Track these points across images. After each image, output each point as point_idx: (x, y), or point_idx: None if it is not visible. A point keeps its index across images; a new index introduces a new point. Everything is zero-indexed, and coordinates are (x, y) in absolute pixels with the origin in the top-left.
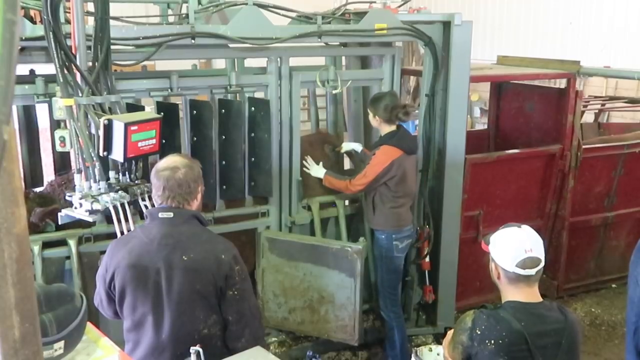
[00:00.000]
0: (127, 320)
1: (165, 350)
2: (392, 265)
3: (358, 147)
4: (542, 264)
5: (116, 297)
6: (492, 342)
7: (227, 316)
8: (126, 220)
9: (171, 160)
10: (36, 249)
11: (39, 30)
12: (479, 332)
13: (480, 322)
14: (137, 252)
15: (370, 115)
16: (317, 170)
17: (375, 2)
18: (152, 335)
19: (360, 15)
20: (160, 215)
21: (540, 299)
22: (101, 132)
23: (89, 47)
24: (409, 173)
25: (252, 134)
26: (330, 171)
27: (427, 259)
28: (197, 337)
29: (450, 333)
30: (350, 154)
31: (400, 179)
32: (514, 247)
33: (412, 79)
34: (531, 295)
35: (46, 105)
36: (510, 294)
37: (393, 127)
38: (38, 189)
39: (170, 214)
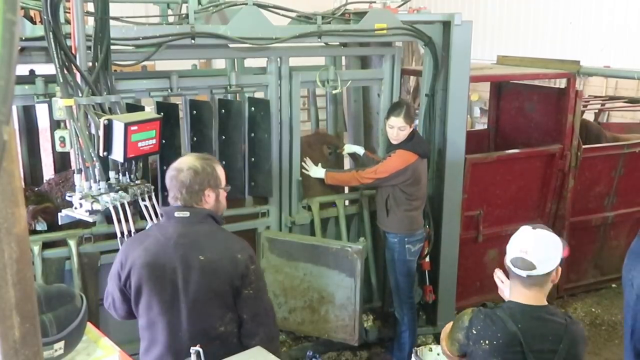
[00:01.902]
0: (143, 318)
1: (182, 348)
2: (406, 269)
3: (360, 150)
4: (538, 271)
5: (132, 295)
6: (487, 342)
7: (242, 314)
8: (126, 220)
9: (182, 160)
10: (36, 249)
11: (39, 30)
12: (474, 332)
13: (477, 322)
14: (153, 251)
15: (408, 128)
16: (317, 171)
17: (375, 2)
18: (169, 334)
19: (360, 15)
20: (176, 214)
21: (544, 303)
22: (101, 132)
23: (89, 47)
24: (422, 176)
25: (252, 134)
26: (331, 169)
27: (427, 259)
28: (214, 334)
29: (448, 326)
30: (353, 156)
31: (415, 182)
32: (514, 244)
33: (412, 79)
34: (531, 298)
35: (46, 105)
36: (513, 292)
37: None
38: (36, 189)
39: (187, 213)
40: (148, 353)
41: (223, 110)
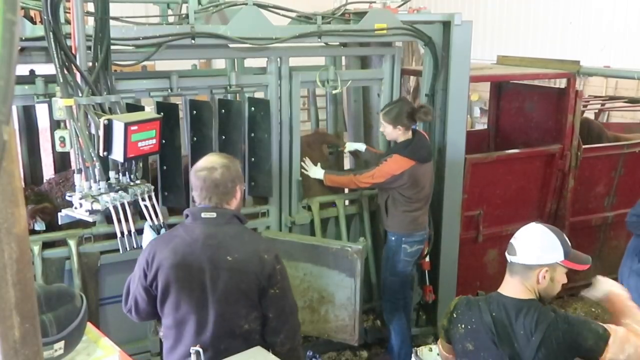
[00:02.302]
0: (168, 317)
1: (207, 346)
2: (396, 268)
3: (362, 146)
4: (518, 258)
5: (158, 295)
6: (463, 325)
7: (267, 312)
8: (126, 220)
9: (209, 160)
10: (36, 249)
11: (39, 30)
12: (455, 315)
13: (459, 307)
14: (181, 252)
15: (389, 128)
16: (316, 172)
17: (375, 2)
18: (195, 333)
19: (360, 15)
20: (203, 215)
21: (528, 297)
22: (101, 132)
23: (89, 47)
24: (422, 179)
25: (252, 134)
26: (330, 170)
27: (427, 259)
28: (238, 332)
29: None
30: (355, 153)
31: (412, 185)
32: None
33: (412, 79)
34: (514, 288)
35: (46, 105)
36: (503, 282)
37: (409, 135)
38: (36, 189)
39: (213, 214)
40: (173, 351)
41: (223, 110)
